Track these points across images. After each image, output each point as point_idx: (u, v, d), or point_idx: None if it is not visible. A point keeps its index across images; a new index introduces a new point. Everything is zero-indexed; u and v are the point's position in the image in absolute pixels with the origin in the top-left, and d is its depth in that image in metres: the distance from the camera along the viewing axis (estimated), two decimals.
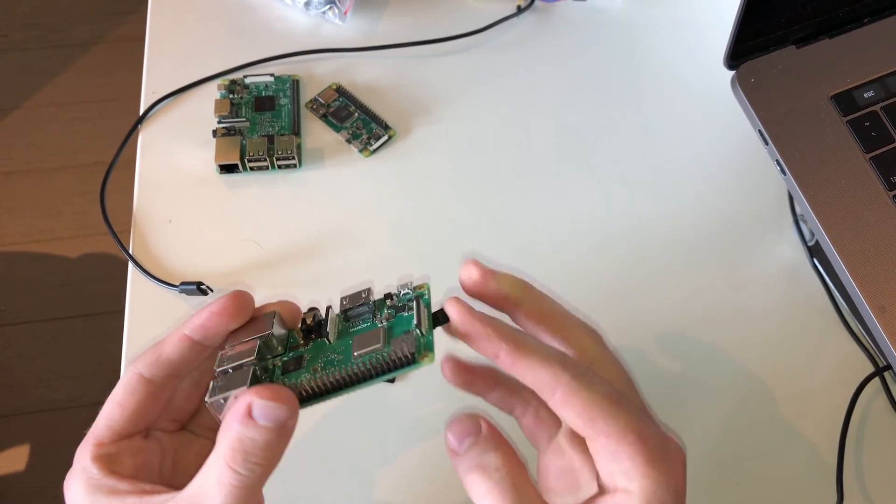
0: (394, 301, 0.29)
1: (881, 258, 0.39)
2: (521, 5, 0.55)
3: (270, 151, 0.47)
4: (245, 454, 0.23)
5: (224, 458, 0.23)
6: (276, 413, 0.24)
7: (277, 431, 0.24)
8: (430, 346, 0.27)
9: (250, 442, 0.23)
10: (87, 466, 0.26)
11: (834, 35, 0.42)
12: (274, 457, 0.24)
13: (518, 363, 0.25)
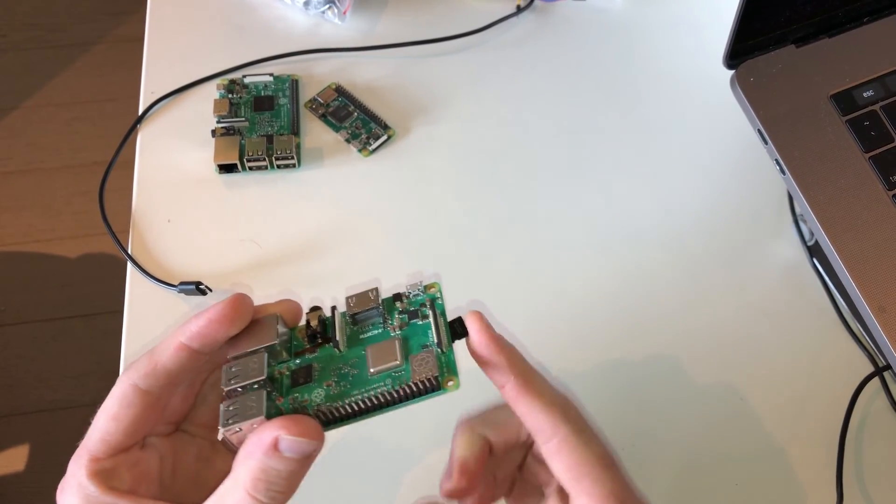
0: (404, 304, 0.28)
1: (881, 258, 0.39)
2: (520, 5, 0.55)
3: (269, 151, 0.47)
4: (268, 483, 0.23)
5: (245, 486, 0.23)
6: (304, 448, 0.24)
7: (302, 462, 0.24)
8: (453, 367, 0.26)
9: (274, 473, 0.23)
10: (84, 483, 0.25)
11: (833, 34, 0.42)
12: (295, 484, 0.24)
13: (521, 401, 0.26)
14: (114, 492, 0.25)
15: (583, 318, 0.43)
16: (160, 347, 0.26)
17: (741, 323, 0.43)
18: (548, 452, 0.26)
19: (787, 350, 0.42)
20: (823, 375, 0.42)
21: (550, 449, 0.25)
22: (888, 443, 0.40)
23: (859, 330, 0.43)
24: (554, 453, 0.25)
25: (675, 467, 0.39)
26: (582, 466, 0.25)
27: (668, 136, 0.50)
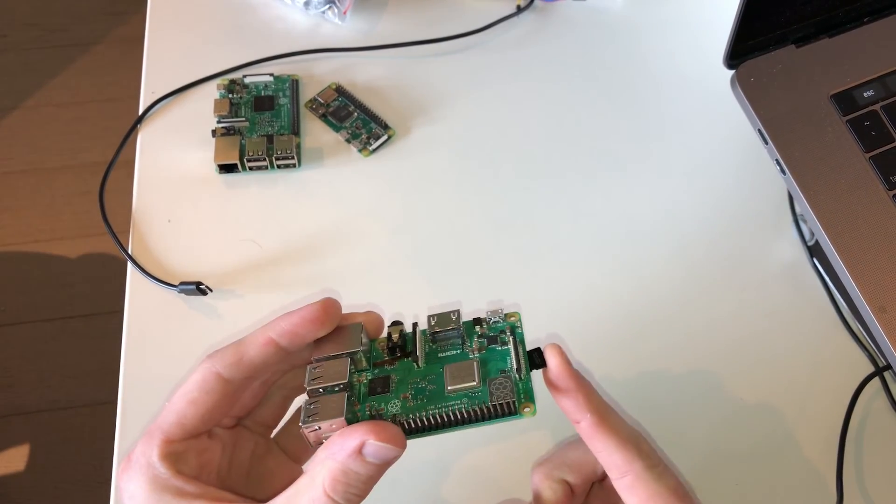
0: (483, 329, 0.28)
1: (881, 258, 0.39)
2: (520, 5, 0.55)
3: (270, 151, 0.47)
4: (347, 486, 0.24)
5: (323, 485, 0.24)
6: (388, 454, 0.24)
7: (382, 468, 0.24)
8: (530, 394, 0.26)
9: (354, 476, 0.24)
10: (155, 464, 0.25)
11: (834, 34, 0.42)
12: (370, 489, 0.25)
13: (597, 438, 0.26)
14: (181, 476, 0.25)
15: (580, 317, 0.43)
16: (248, 339, 0.27)
17: (741, 323, 0.43)
18: (622, 487, 0.26)
19: (788, 350, 0.42)
20: (823, 375, 0.42)
21: (625, 484, 0.26)
22: (888, 443, 0.40)
23: (860, 330, 0.43)
24: (628, 488, 0.26)
25: (674, 467, 0.39)
26: (655, 498, 0.26)
27: (668, 136, 0.50)
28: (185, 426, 0.26)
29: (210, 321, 0.42)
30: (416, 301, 0.43)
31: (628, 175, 0.48)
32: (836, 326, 0.43)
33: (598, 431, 0.26)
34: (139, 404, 0.40)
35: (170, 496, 0.25)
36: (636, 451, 0.26)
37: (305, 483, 0.24)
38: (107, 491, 0.38)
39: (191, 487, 0.25)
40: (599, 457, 0.27)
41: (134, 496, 0.25)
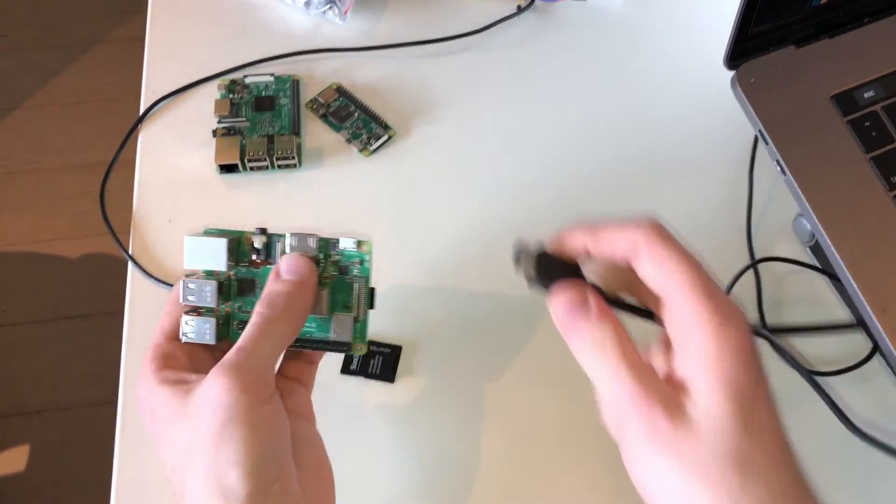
0: (337, 256, 0.33)
1: (882, 258, 0.39)
2: (521, 5, 0.55)
3: (270, 151, 0.47)
4: (270, 301, 0.30)
5: (257, 308, 0.30)
6: (297, 264, 0.32)
7: (295, 284, 0.31)
8: (363, 336, 0.32)
9: (276, 292, 0.31)
10: (148, 362, 0.31)
11: (834, 35, 0.42)
12: (293, 305, 0.31)
13: (601, 240, 0.28)
14: (168, 369, 0.31)
15: None
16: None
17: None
18: (640, 263, 0.27)
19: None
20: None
21: (642, 256, 0.27)
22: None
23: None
24: (646, 259, 0.27)
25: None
26: (669, 260, 0.27)
27: (668, 137, 0.50)
28: (166, 331, 0.32)
29: None
30: (416, 301, 0.43)
31: (628, 175, 0.48)
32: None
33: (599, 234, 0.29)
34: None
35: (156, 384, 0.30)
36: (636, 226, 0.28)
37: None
38: (107, 491, 0.38)
39: (173, 375, 0.30)
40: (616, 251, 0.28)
41: (139, 396, 0.31)
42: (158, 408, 0.30)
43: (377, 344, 0.41)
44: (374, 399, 0.40)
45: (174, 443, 0.29)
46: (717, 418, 0.25)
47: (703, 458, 0.24)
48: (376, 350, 0.41)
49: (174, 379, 0.30)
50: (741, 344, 0.25)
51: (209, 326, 0.32)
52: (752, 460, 0.24)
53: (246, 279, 0.33)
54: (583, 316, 0.28)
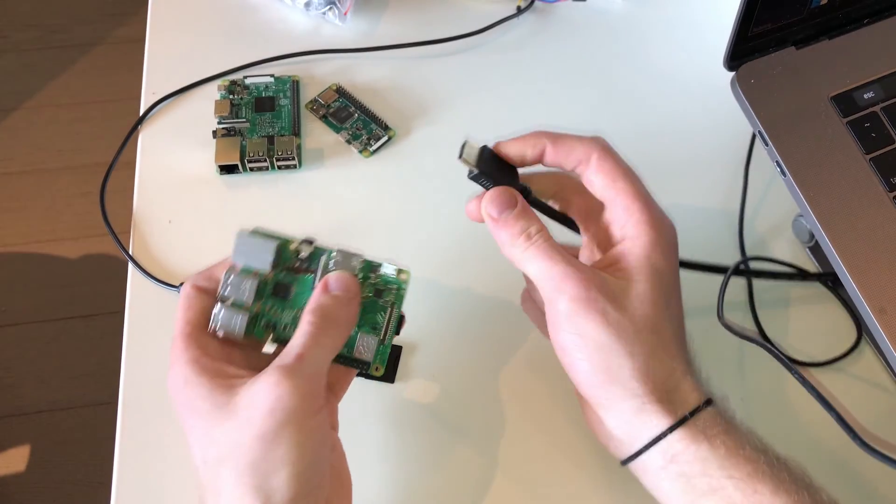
0: (376, 277, 0.34)
1: (881, 259, 0.39)
2: (520, 6, 0.55)
3: (270, 152, 0.47)
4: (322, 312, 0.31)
5: (307, 319, 0.31)
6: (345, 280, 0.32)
7: (342, 299, 0.32)
8: (384, 359, 0.34)
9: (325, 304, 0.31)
10: (182, 351, 0.31)
11: (834, 36, 0.42)
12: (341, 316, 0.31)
13: (559, 147, 0.33)
14: (208, 356, 0.31)
15: None
16: (216, 265, 0.34)
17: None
18: (591, 171, 0.33)
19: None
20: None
21: (593, 166, 0.33)
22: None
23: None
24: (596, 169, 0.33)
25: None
26: (615, 170, 0.33)
27: (668, 137, 0.50)
28: (192, 323, 0.32)
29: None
30: (416, 301, 0.43)
31: None
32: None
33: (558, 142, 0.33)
34: (139, 404, 0.40)
35: (194, 374, 0.30)
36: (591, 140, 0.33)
37: (296, 333, 0.31)
38: (107, 491, 0.38)
39: (214, 364, 0.30)
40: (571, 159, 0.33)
41: (174, 386, 0.30)
42: (196, 400, 0.30)
43: None
44: (374, 399, 0.40)
45: (214, 437, 0.29)
46: (644, 296, 0.30)
47: (628, 322, 0.30)
48: None
49: (212, 370, 0.30)
50: (671, 243, 0.32)
51: (240, 319, 0.32)
52: (663, 331, 0.31)
53: (283, 283, 0.33)
54: (510, 210, 0.32)
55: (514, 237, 0.32)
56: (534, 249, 0.32)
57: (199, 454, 0.30)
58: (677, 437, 0.30)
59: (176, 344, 0.31)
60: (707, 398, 0.30)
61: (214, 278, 0.33)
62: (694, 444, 0.29)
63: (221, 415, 0.29)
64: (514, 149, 0.34)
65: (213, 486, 0.29)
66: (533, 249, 0.32)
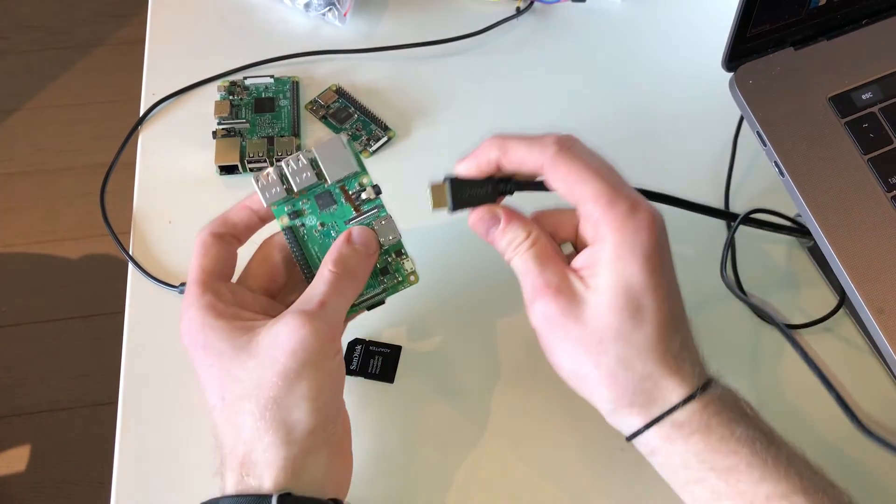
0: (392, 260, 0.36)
1: (880, 259, 0.39)
2: (520, 7, 0.55)
3: (270, 153, 0.47)
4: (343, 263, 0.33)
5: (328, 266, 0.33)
6: (366, 236, 0.35)
7: (364, 254, 0.34)
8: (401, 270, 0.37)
9: (347, 255, 0.33)
10: (197, 297, 0.32)
11: (832, 37, 0.42)
12: (361, 273, 0.34)
13: (510, 152, 0.32)
14: (221, 301, 0.32)
15: None
16: (231, 208, 0.36)
17: (743, 324, 0.43)
18: (548, 178, 0.32)
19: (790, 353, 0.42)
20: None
21: (547, 172, 0.32)
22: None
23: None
24: (550, 174, 0.32)
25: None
26: (571, 175, 0.31)
27: (667, 138, 0.50)
28: (207, 270, 0.33)
29: None
30: (416, 301, 0.43)
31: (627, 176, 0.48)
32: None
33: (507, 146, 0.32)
34: (139, 404, 0.40)
35: (211, 317, 0.31)
36: (540, 144, 0.32)
37: (316, 279, 0.33)
38: (107, 491, 0.38)
39: (230, 309, 0.32)
40: (525, 167, 0.32)
41: (188, 330, 0.32)
42: (216, 342, 0.31)
43: (377, 344, 0.42)
44: (374, 399, 0.41)
45: (235, 374, 0.31)
46: (606, 307, 0.30)
47: (590, 335, 0.30)
48: (376, 350, 0.41)
49: (229, 314, 0.32)
50: (643, 242, 0.30)
51: (278, 191, 0.34)
52: (633, 337, 0.30)
53: (332, 196, 0.35)
54: (494, 227, 0.33)
55: (503, 250, 0.33)
56: (517, 260, 0.33)
57: (216, 393, 0.31)
58: (652, 434, 0.31)
59: (191, 290, 0.33)
60: (692, 393, 0.31)
61: (230, 222, 0.35)
62: (668, 441, 0.31)
63: (243, 354, 0.31)
64: (472, 170, 0.34)
65: (232, 422, 0.31)
66: (516, 260, 0.33)
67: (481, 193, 0.34)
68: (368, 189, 0.36)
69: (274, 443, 0.30)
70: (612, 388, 0.31)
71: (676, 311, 0.32)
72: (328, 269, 0.33)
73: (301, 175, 0.35)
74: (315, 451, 0.31)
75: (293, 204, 0.35)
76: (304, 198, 0.35)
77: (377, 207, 0.36)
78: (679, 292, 0.32)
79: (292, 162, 0.35)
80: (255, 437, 0.30)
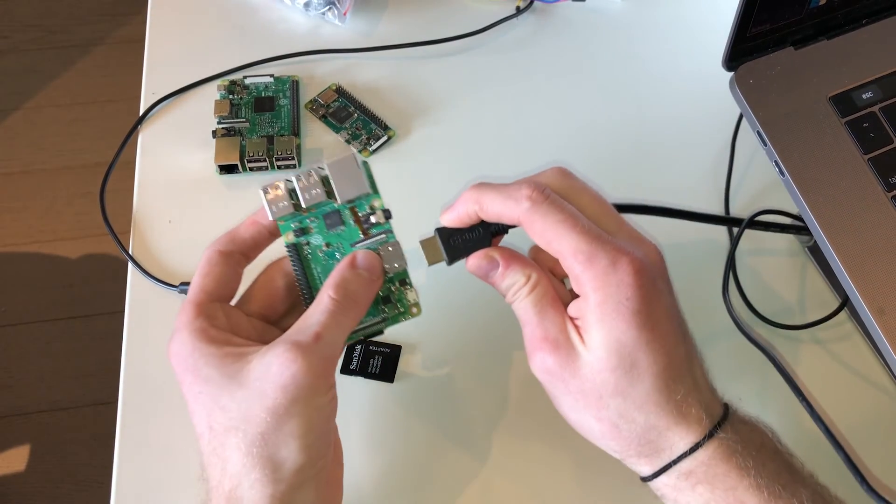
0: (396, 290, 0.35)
1: (880, 259, 0.39)
2: (520, 6, 0.55)
3: (270, 152, 0.47)
4: (345, 289, 0.31)
5: (328, 293, 0.31)
6: (371, 261, 0.33)
7: (367, 280, 0.32)
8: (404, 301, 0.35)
9: (350, 281, 0.32)
10: (190, 320, 0.31)
11: (832, 36, 0.42)
12: (363, 300, 0.32)
13: (486, 206, 0.32)
14: (214, 327, 0.31)
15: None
16: (239, 225, 0.34)
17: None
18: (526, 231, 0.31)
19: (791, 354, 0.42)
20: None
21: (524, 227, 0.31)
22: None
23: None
24: (527, 228, 0.31)
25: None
26: (546, 232, 0.30)
27: (667, 138, 0.50)
28: (207, 291, 0.32)
29: None
30: None
31: (627, 176, 0.48)
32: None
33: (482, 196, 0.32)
34: (139, 404, 0.40)
35: (203, 343, 0.30)
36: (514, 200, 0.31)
37: (314, 305, 0.31)
38: (107, 491, 0.38)
39: (221, 335, 0.31)
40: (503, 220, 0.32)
41: (179, 353, 0.31)
42: (204, 368, 0.30)
43: (377, 344, 0.41)
44: (374, 399, 0.41)
45: (223, 404, 0.29)
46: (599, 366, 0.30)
47: (589, 389, 0.30)
48: (376, 350, 0.41)
49: (221, 339, 0.31)
50: (623, 303, 0.29)
51: (285, 205, 0.33)
52: (631, 391, 0.30)
53: (340, 216, 0.34)
54: (494, 272, 0.32)
55: (503, 293, 0.33)
56: (516, 305, 0.32)
57: (204, 421, 0.30)
58: (661, 482, 0.31)
59: (185, 310, 0.32)
60: (698, 441, 0.30)
61: (239, 239, 0.34)
62: (676, 490, 0.31)
63: (231, 383, 0.29)
64: (455, 223, 0.33)
65: (219, 454, 0.30)
66: (516, 305, 0.32)
67: (475, 237, 0.33)
68: (378, 213, 0.35)
69: (260, 480, 0.29)
70: (616, 441, 0.31)
71: (677, 358, 0.30)
72: (328, 295, 0.31)
73: (311, 191, 0.33)
74: (303, 487, 0.30)
75: (300, 220, 0.34)
76: (312, 215, 0.34)
77: (386, 232, 0.35)
78: (681, 334, 0.31)
79: (303, 177, 0.33)
80: (242, 473, 0.29)
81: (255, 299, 0.34)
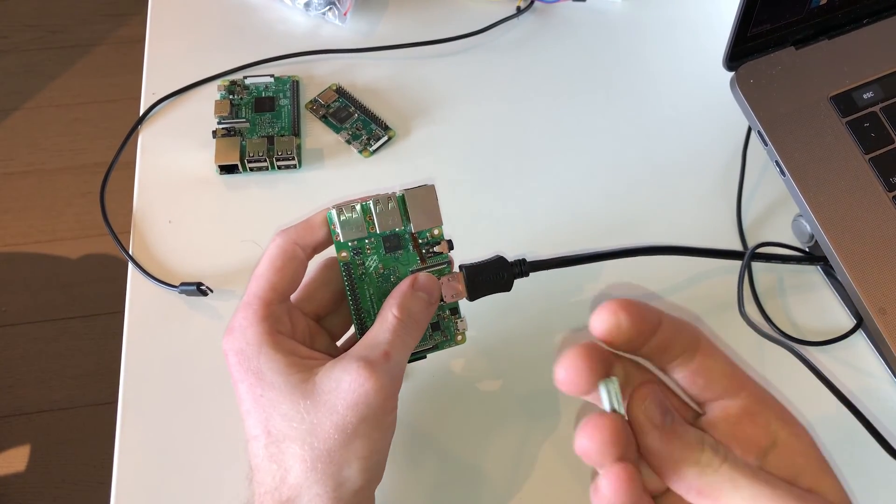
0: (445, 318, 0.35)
1: (881, 259, 0.39)
2: (520, 6, 0.55)
3: (270, 152, 0.47)
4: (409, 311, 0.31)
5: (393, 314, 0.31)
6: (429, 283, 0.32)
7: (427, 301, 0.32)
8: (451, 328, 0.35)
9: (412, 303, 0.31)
10: (259, 320, 0.30)
11: (833, 36, 0.42)
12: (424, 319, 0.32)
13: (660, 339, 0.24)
14: (279, 333, 0.30)
15: (579, 322, 0.43)
16: (312, 217, 0.33)
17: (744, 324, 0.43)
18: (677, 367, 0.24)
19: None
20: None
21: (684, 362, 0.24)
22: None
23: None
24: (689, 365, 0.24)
25: None
26: (711, 372, 0.24)
27: (667, 138, 0.50)
28: (277, 289, 0.31)
29: (210, 322, 0.42)
30: None
31: (627, 176, 0.48)
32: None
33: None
34: (139, 404, 0.40)
35: (269, 348, 0.30)
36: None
37: (378, 323, 0.31)
38: (107, 491, 0.38)
39: (288, 343, 0.30)
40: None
41: (243, 352, 0.30)
42: (268, 372, 0.30)
43: None
44: None
45: (284, 411, 0.29)
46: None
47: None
48: None
49: (287, 348, 0.30)
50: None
51: (360, 228, 0.32)
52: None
53: (402, 240, 0.33)
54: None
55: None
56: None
57: (261, 424, 0.30)
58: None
59: (252, 306, 0.31)
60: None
61: (314, 229, 0.33)
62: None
63: (296, 392, 0.29)
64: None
65: (277, 461, 0.29)
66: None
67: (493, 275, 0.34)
68: (443, 243, 0.34)
69: (321, 496, 0.28)
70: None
71: None
72: (392, 314, 0.31)
73: (388, 219, 0.33)
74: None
75: (359, 241, 0.33)
76: (373, 236, 0.33)
77: (445, 263, 0.34)
78: None
79: (381, 202, 0.33)
80: (304, 486, 0.28)
81: (314, 300, 0.34)
